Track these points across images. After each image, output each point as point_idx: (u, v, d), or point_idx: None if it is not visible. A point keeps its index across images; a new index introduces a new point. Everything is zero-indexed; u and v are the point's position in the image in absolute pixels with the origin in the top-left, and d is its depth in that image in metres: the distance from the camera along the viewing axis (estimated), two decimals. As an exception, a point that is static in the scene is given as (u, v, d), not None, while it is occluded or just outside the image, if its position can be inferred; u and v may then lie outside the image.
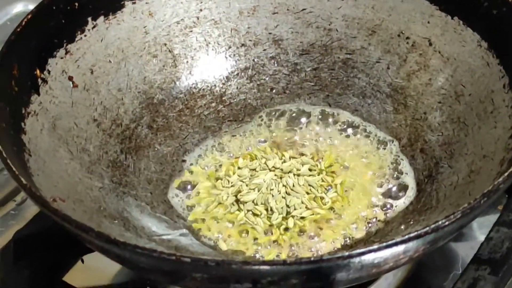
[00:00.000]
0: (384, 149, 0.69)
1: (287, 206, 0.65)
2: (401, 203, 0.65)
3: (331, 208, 0.65)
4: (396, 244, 0.49)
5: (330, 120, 0.72)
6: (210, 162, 0.70)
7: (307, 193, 0.66)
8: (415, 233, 0.49)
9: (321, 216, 0.64)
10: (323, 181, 0.67)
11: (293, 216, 0.64)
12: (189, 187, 0.68)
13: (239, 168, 0.68)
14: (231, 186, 0.67)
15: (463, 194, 0.60)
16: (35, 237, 0.67)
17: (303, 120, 0.72)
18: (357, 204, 0.66)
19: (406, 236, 0.49)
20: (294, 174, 0.67)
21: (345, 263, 0.48)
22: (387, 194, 0.66)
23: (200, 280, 0.51)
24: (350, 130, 0.71)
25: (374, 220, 0.64)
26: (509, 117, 0.61)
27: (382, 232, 0.63)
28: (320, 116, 0.72)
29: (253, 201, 0.65)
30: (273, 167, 0.68)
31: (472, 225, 0.68)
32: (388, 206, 0.65)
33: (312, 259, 0.48)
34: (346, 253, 0.48)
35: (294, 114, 0.73)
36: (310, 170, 0.67)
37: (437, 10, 0.69)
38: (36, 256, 0.66)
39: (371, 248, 0.48)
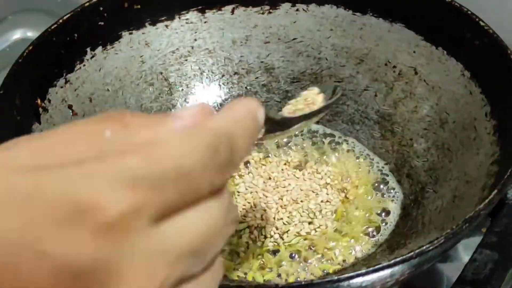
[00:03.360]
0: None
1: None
2: (388, 227, 0.67)
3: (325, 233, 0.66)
4: (383, 268, 0.51)
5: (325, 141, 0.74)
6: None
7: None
8: (401, 257, 0.51)
9: (314, 241, 0.66)
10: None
11: (284, 242, 0.65)
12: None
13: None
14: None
15: (447, 218, 0.62)
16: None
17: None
18: (353, 228, 0.67)
19: (393, 261, 0.51)
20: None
21: (335, 286, 0.50)
22: (379, 218, 0.68)
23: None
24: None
25: (366, 242, 0.66)
26: (490, 144, 0.62)
27: (371, 256, 0.65)
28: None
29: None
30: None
31: (458, 247, 0.70)
32: (378, 229, 0.67)
33: (302, 283, 0.51)
34: (335, 277, 0.50)
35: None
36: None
37: (422, 40, 0.71)
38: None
39: (359, 272, 0.50)
